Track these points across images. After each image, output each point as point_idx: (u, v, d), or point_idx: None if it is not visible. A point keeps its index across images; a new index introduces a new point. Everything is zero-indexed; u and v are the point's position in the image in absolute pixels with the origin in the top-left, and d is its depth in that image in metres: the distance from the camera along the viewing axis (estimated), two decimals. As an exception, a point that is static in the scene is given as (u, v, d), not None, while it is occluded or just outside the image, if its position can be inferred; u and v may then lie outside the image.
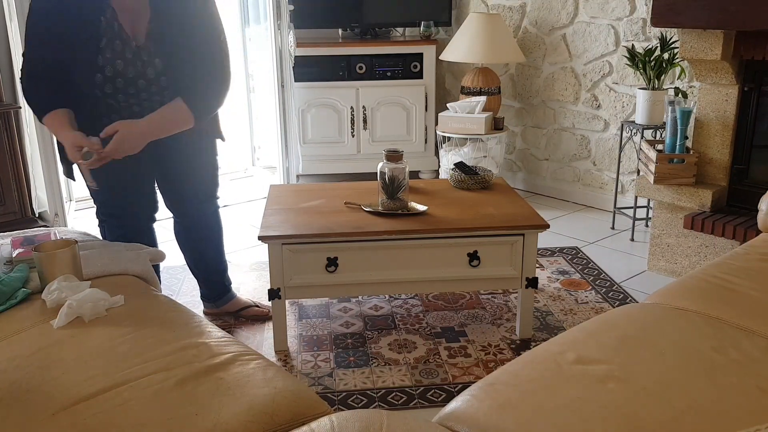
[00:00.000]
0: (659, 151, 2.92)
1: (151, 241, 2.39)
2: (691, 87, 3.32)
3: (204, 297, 2.62)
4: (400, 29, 4.40)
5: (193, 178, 2.36)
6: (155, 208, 2.39)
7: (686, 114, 2.84)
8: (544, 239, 3.32)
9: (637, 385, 1.27)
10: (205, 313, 2.64)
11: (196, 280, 2.62)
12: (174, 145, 2.21)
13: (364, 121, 4.14)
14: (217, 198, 2.48)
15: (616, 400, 1.23)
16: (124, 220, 2.30)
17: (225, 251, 2.58)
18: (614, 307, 2.30)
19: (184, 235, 2.50)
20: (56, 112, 2.00)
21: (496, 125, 3.80)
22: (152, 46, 2.04)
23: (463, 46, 3.76)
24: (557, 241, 3.38)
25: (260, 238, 2.18)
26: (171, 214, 2.47)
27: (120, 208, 2.29)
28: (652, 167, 2.91)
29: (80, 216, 3.81)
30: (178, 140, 2.17)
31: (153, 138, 2.07)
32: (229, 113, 4.96)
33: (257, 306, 2.63)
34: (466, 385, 2.11)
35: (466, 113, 3.69)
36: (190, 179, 2.35)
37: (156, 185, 2.37)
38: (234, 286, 2.84)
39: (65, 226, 3.45)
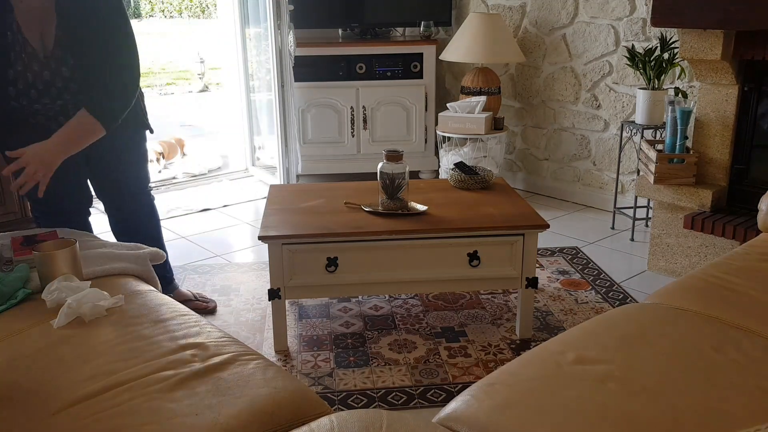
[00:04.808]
0: (659, 151, 2.92)
1: None
2: (691, 87, 3.32)
3: None
4: (400, 29, 4.40)
5: (123, 172, 2.36)
6: (89, 203, 2.39)
7: (686, 114, 2.84)
8: (544, 239, 3.32)
9: (637, 385, 1.27)
10: None
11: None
12: (102, 139, 2.16)
13: (364, 121, 4.14)
14: (149, 190, 2.49)
15: (616, 400, 1.23)
16: (59, 217, 2.28)
17: (164, 242, 2.59)
18: (614, 307, 2.30)
19: (118, 230, 2.50)
20: None
21: (496, 125, 3.80)
22: (60, 52, 2.03)
23: (463, 46, 3.76)
24: (557, 241, 3.38)
25: (260, 238, 2.18)
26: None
27: (54, 205, 2.28)
28: (652, 167, 2.91)
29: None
30: (102, 141, 2.14)
31: (66, 155, 2.03)
32: (229, 113, 4.97)
33: (198, 300, 2.66)
34: (466, 385, 2.11)
35: (466, 113, 3.69)
36: (119, 172, 2.35)
37: (88, 181, 2.39)
38: (234, 286, 2.84)
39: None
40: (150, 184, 2.51)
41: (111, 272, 1.81)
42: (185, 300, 2.62)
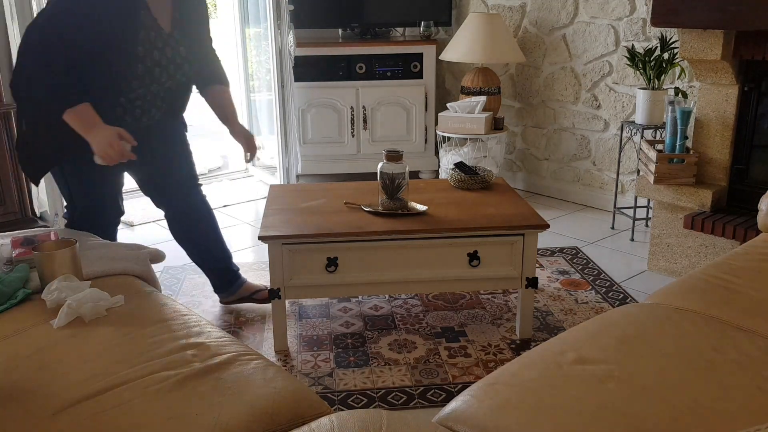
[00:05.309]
0: (659, 151, 2.92)
1: None
2: (691, 87, 3.32)
3: (216, 288, 2.66)
4: (400, 29, 4.40)
5: (178, 169, 2.42)
6: (121, 215, 2.42)
7: (686, 114, 2.84)
8: (544, 239, 3.32)
9: (637, 385, 1.27)
10: (222, 303, 2.68)
11: (206, 276, 2.66)
12: (162, 140, 2.30)
13: (364, 121, 4.14)
14: (201, 185, 2.55)
15: (616, 400, 1.23)
16: (96, 231, 2.26)
17: (224, 237, 2.62)
18: (614, 307, 2.30)
19: (179, 229, 2.53)
20: (86, 105, 1.97)
21: (496, 125, 3.80)
22: (177, 33, 2.16)
23: (463, 46, 3.76)
24: (557, 241, 3.38)
25: (260, 238, 2.18)
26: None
27: (94, 219, 2.29)
28: (652, 167, 2.91)
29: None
30: (164, 134, 2.30)
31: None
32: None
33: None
34: (466, 385, 2.11)
35: (466, 113, 3.69)
36: (175, 171, 2.41)
37: (140, 188, 2.45)
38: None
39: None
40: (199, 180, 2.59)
41: (111, 272, 1.81)
42: (257, 290, 2.65)
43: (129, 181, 2.47)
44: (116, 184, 2.32)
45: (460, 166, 2.71)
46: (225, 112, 2.43)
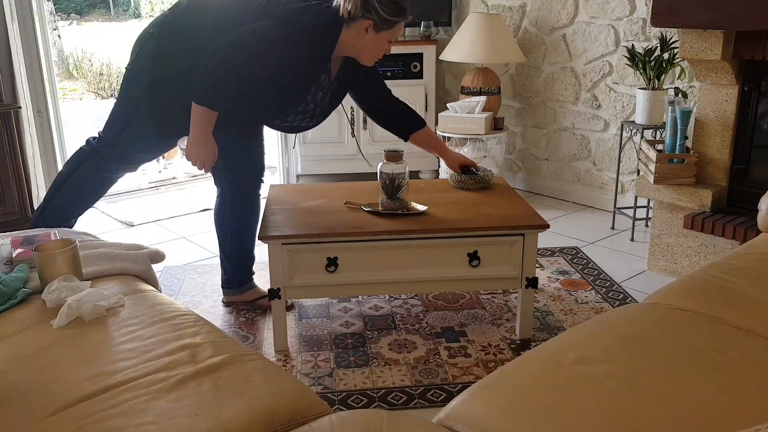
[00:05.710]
0: (659, 151, 2.92)
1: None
2: (691, 87, 3.32)
3: (227, 283, 2.66)
4: (400, 29, 4.40)
5: (263, 155, 2.58)
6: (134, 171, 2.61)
7: (686, 114, 2.84)
8: (544, 239, 3.32)
9: (637, 385, 1.27)
10: (224, 302, 2.68)
11: (221, 268, 2.67)
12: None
13: (364, 121, 4.13)
14: (263, 181, 2.63)
15: (616, 400, 1.23)
16: (113, 170, 2.45)
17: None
18: (614, 307, 2.30)
19: (226, 211, 2.56)
20: (216, 114, 2.21)
21: (496, 125, 3.80)
22: (328, 100, 2.40)
23: (463, 46, 3.76)
24: (557, 241, 3.38)
25: (260, 238, 2.18)
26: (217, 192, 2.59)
27: (123, 167, 2.46)
28: (652, 167, 2.91)
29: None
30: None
31: None
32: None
33: None
34: (466, 385, 2.11)
35: (466, 113, 3.69)
36: (263, 155, 2.57)
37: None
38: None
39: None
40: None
41: (111, 272, 1.81)
42: (263, 296, 2.65)
43: (130, 183, 2.50)
44: (158, 155, 2.50)
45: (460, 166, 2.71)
46: (436, 148, 2.67)
